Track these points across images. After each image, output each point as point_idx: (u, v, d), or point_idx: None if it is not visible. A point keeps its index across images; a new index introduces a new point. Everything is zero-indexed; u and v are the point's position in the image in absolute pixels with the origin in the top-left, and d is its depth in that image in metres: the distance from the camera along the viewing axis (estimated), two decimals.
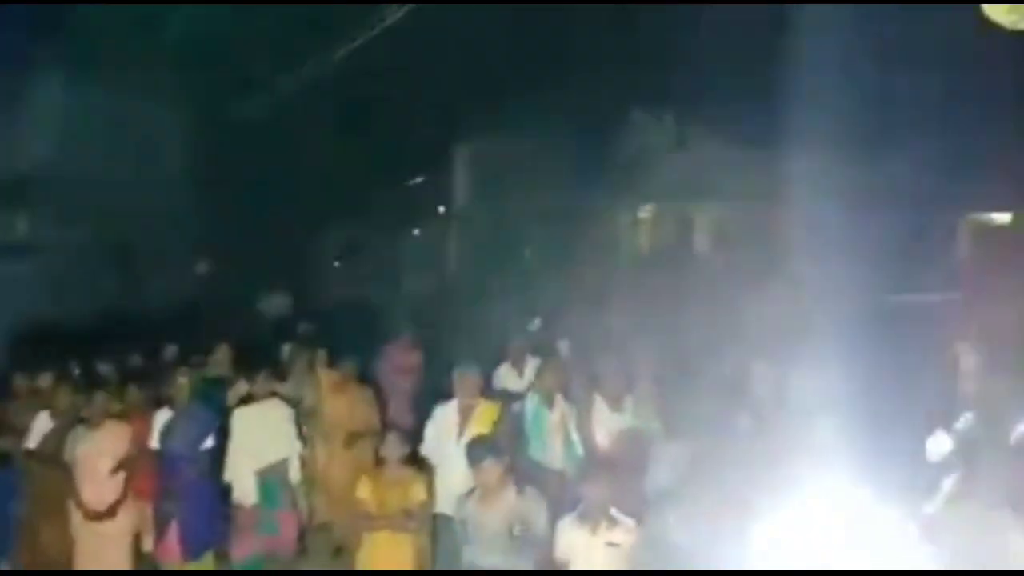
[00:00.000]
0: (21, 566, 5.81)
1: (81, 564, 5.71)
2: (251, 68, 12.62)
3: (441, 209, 17.91)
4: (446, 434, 5.74)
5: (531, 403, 5.99)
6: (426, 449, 5.83)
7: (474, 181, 15.80)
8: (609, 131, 12.56)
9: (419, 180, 17.65)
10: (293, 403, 6.55)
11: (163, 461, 5.92)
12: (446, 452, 5.69)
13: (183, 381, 5.99)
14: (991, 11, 3.88)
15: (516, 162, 14.69)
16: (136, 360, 7.50)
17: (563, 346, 8.00)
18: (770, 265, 11.10)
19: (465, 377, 5.76)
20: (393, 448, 5.40)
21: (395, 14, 11.47)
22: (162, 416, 6.00)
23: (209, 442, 6.01)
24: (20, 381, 6.59)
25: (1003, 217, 10.78)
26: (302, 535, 6.62)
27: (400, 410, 7.72)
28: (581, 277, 10.36)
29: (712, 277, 10.90)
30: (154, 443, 5.93)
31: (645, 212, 13.60)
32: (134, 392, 6.34)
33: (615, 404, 6.07)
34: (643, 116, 12.65)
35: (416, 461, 5.71)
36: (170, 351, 7.66)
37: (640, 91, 11.94)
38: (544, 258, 11.68)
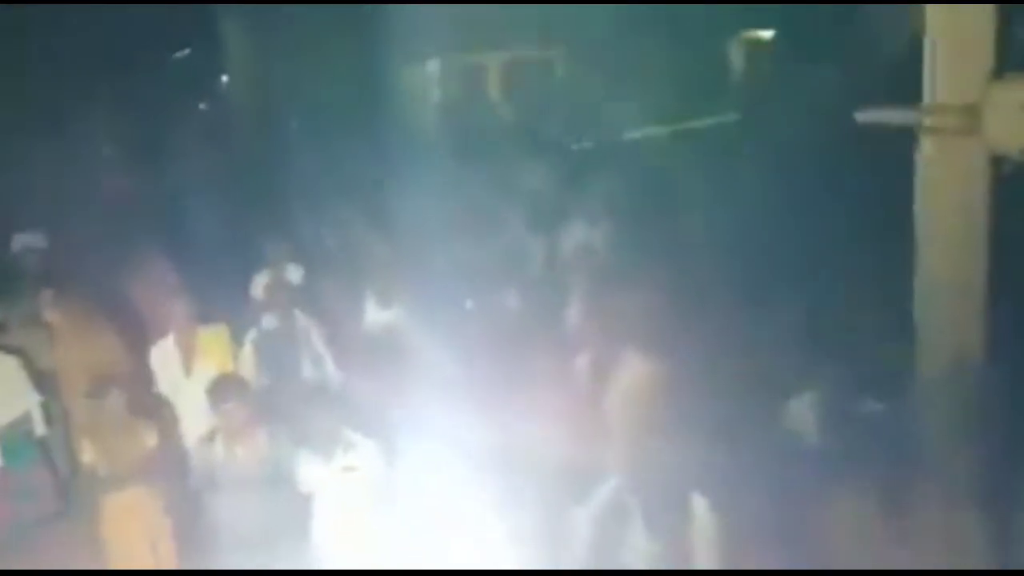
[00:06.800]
0: None
1: None
2: None
3: (224, 79, 16.33)
4: (172, 373, 5.20)
5: (267, 323, 5.42)
6: (161, 388, 5.29)
7: (248, 47, 14.32)
8: None
9: (186, 52, 15.95)
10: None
11: None
12: (179, 392, 5.19)
13: None
14: None
15: (291, 21, 13.35)
16: None
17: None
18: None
19: (174, 304, 5.17)
20: (115, 397, 4.84)
21: None
22: None
23: None
24: None
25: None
26: (64, 491, 6.14)
27: None
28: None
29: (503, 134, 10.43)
30: None
31: (433, 66, 12.80)
32: None
33: (384, 299, 5.65)
34: None
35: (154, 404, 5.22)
36: None
37: None
38: (318, 129, 10.81)
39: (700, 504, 3.41)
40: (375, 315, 5.61)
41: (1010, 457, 3.19)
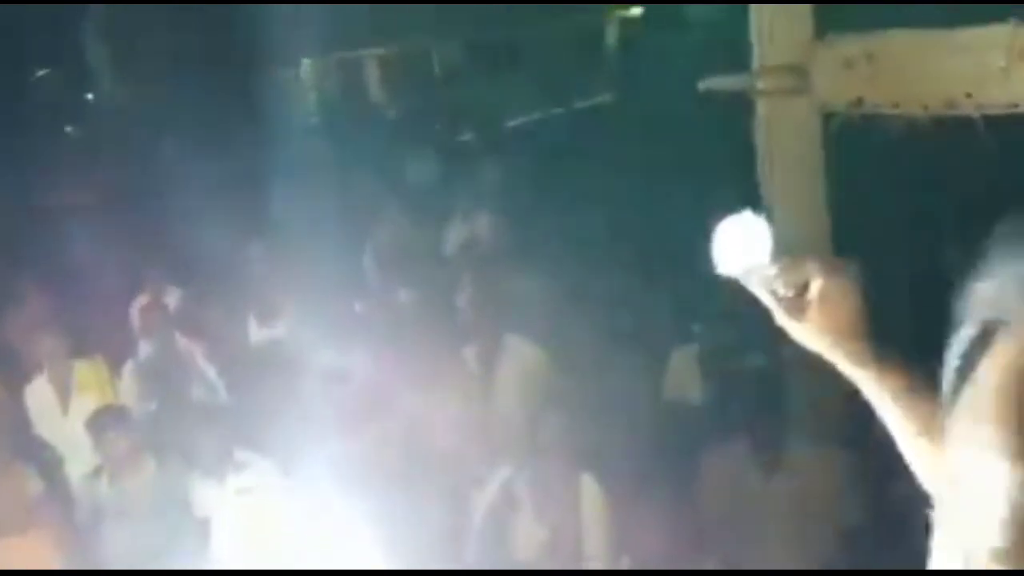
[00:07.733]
0: None
1: None
2: None
3: (90, 98, 15.57)
4: (49, 412, 4.95)
5: (146, 350, 5.22)
6: (40, 430, 5.02)
7: (113, 62, 13.70)
8: None
9: (46, 71, 15.12)
10: None
11: None
12: (58, 432, 4.94)
13: None
14: None
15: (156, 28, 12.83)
16: None
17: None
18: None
19: (46, 339, 4.94)
20: None
21: None
22: None
23: None
24: None
25: None
26: None
27: None
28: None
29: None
30: None
31: (309, 66, 12.50)
32: None
33: (266, 319, 5.51)
34: None
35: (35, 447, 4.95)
36: None
37: None
38: (193, 144, 10.42)
39: (590, 485, 3.44)
40: (261, 328, 5.47)
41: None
